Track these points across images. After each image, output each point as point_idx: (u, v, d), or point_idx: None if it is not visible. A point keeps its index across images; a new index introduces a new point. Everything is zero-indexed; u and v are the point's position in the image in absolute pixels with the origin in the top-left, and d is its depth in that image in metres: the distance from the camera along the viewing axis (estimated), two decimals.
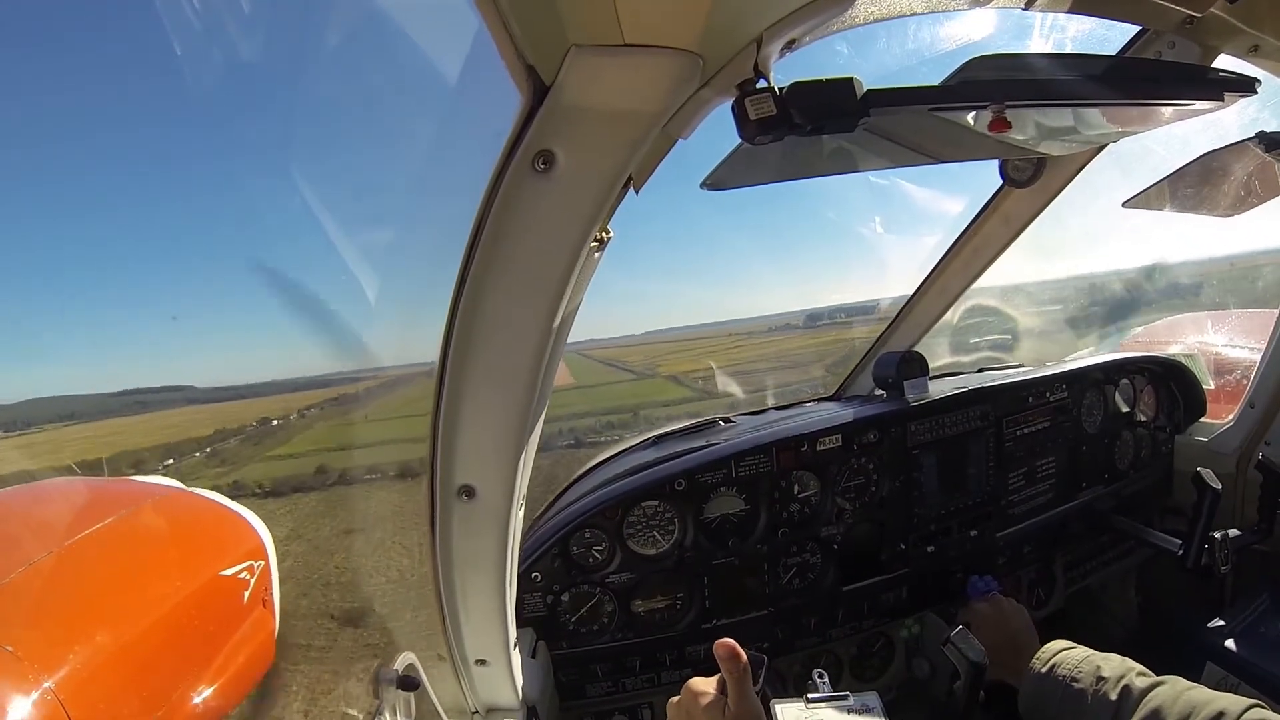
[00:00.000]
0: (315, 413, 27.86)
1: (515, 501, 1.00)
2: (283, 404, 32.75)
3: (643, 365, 42.88)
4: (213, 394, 27.45)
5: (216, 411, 22.58)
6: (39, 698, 0.54)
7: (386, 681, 1.15)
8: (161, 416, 16.76)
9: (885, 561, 1.79)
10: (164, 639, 0.68)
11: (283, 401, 44.21)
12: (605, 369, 42.71)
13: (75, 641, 0.60)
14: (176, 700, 0.68)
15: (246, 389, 42.07)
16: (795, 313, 29.40)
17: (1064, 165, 1.68)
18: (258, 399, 31.11)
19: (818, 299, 62.81)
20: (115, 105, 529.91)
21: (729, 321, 51.10)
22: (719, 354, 35.38)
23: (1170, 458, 2.26)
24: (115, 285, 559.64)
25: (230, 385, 44.38)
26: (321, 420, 21.59)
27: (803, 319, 25.07)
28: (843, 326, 11.99)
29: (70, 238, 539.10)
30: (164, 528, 0.82)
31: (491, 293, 0.79)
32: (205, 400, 27.33)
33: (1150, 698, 1.09)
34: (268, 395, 45.80)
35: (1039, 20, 1.22)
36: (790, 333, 26.59)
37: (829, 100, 0.73)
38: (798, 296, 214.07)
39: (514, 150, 0.70)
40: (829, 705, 1.09)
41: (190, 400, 23.27)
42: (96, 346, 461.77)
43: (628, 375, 40.36)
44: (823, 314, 19.69)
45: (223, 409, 23.15)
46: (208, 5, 17.52)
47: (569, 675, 1.60)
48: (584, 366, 40.51)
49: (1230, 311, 3.20)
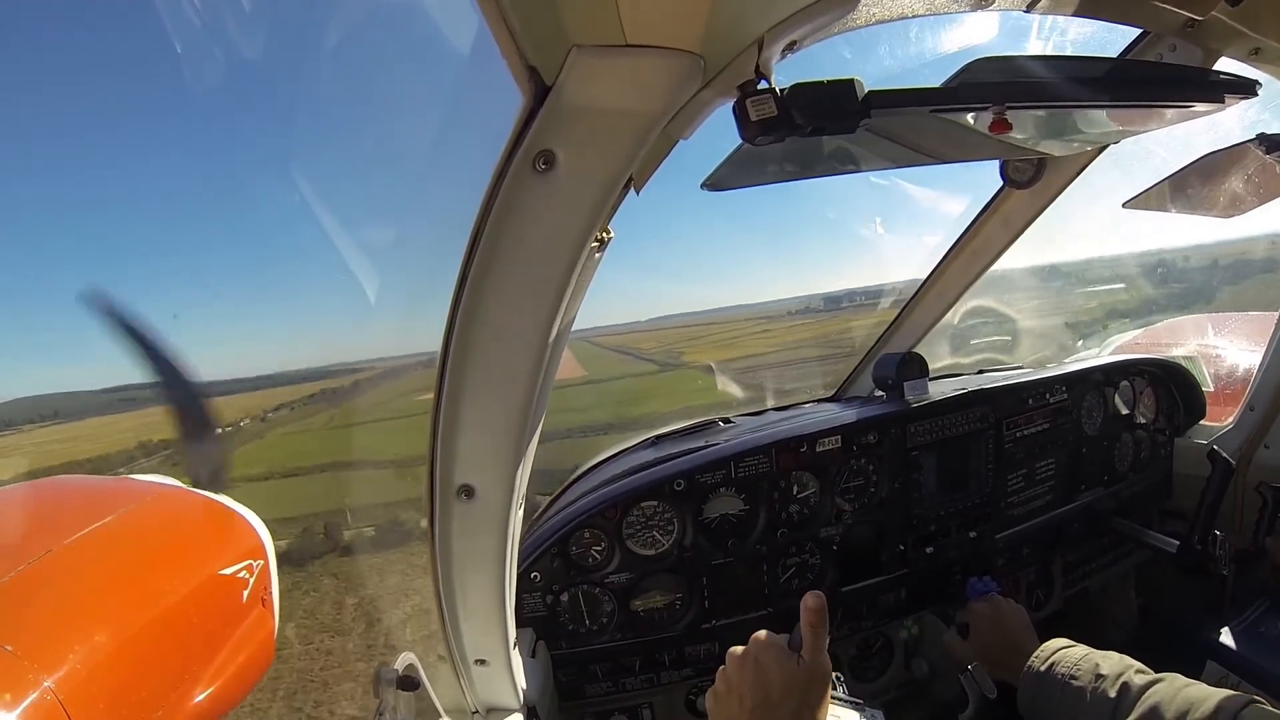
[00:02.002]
0: (318, 408, 26.77)
1: (515, 501, 1.00)
2: (284, 393, 30.85)
3: (662, 354, 35.34)
4: (211, 388, 26.44)
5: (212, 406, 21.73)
6: (38, 697, 0.54)
7: (386, 681, 1.15)
8: (150, 414, 15.93)
9: (884, 562, 1.80)
10: (163, 638, 0.68)
11: (287, 390, 42.11)
12: (619, 358, 35.26)
13: (74, 640, 0.60)
14: (176, 699, 0.68)
15: (235, 383, 40.12)
16: (812, 296, 27.19)
17: (1064, 166, 1.68)
18: (255, 392, 28.94)
19: (822, 285, 61.45)
20: (116, 106, 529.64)
21: (740, 307, 44.35)
22: (745, 340, 30.20)
23: (1170, 460, 2.26)
24: (116, 281, 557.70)
25: (229, 379, 42.32)
26: (322, 420, 21.03)
27: (822, 301, 23.01)
28: (867, 308, 10.72)
29: (70, 233, 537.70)
30: (163, 526, 0.81)
31: (492, 293, 0.79)
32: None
33: (1149, 694, 1.09)
34: (267, 388, 42.29)
35: (1040, 23, 1.22)
36: (814, 316, 23.75)
37: (830, 101, 0.73)
38: (800, 283, 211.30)
39: (515, 150, 0.70)
40: (847, 708, 1.09)
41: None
42: (86, 343, 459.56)
43: (648, 366, 33.25)
44: (842, 296, 18.11)
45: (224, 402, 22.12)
46: (209, 4, 17.54)
47: (568, 675, 1.61)
48: (593, 355, 33.43)
49: (1230, 314, 3.20)
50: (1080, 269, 7.69)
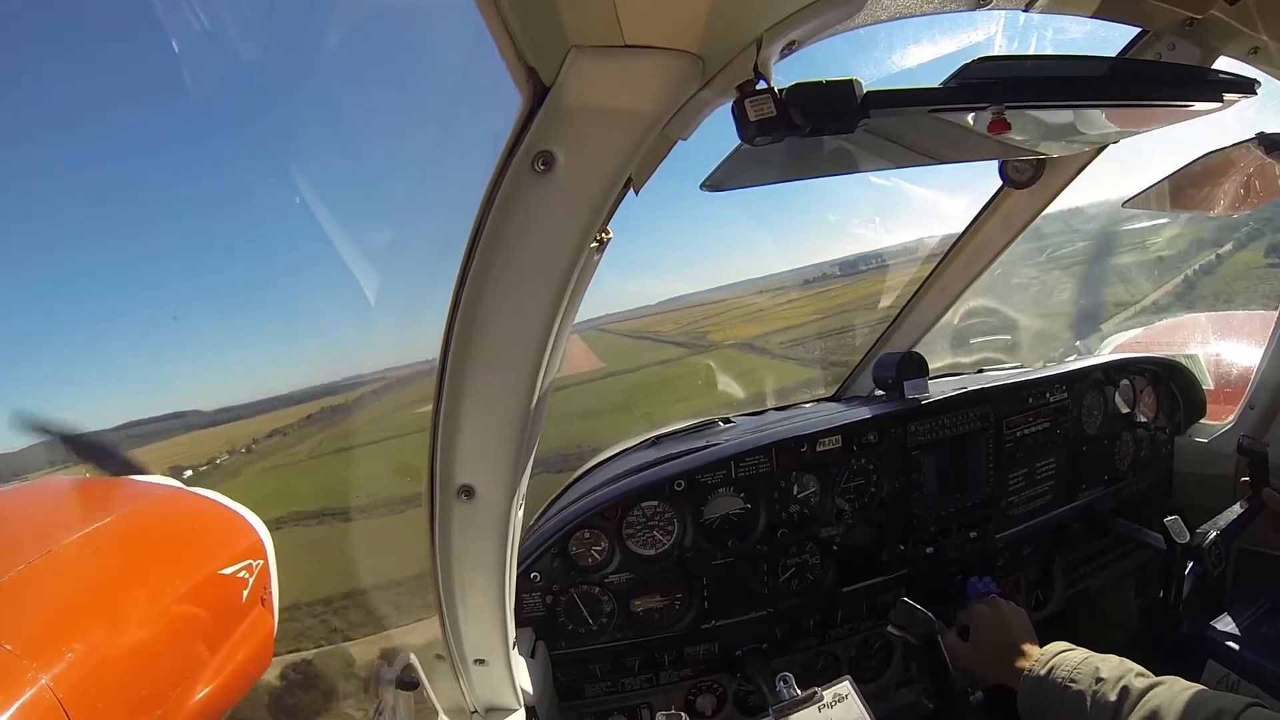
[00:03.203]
0: (316, 415, 25.95)
1: (515, 501, 1.00)
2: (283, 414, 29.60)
3: (685, 336, 30.87)
4: (216, 416, 25.08)
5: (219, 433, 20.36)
6: (37, 695, 0.54)
7: (386, 681, 1.15)
8: (164, 446, 15.12)
9: (884, 562, 1.79)
10: (163, 637, 0.68)
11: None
12: (635, 344, 30.66)
13: (74, 640, 0.60)
14: (175, 699, 0.68)
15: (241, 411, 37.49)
16: (820, 264, 25.29)
17: (1064, 166, 1.68)
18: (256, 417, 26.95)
19: (827, 254, 58.70)
20: (114, 104, 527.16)
21: (744, 282, 38.61)
22: (774, 313, 26.34)
23: (1170, 459, 2.26)
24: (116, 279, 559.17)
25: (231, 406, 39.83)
26: (322, 421, 20.60)
27: (838, 268, 20.74)
28: (893, 269, 8.91)
29: (67, 235, 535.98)
30: (163, 526, 0.82)
31: (492, 293, 0.79)
32: (207, 424, 24.25)
33: (1148, 698, 1.09)
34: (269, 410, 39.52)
35: (1039, 22, 1.22)
36: (835, 282, 20.61)
37: (829, 102, 0.73)
38: (797, 256, 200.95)
39: (514, 151, 0.70)
40: (799, 710, 1.07)
41: (190, 427, 21.16)
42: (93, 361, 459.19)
43: (673, 349, 28.50)
44: (857, 260, 16.51)
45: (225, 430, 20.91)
46: (208, 5, 17.31)
47: (568, 675, 1.61)
48: (606, 345, 28.74)
49: (1230, 313, 3.20)
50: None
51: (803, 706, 1.08)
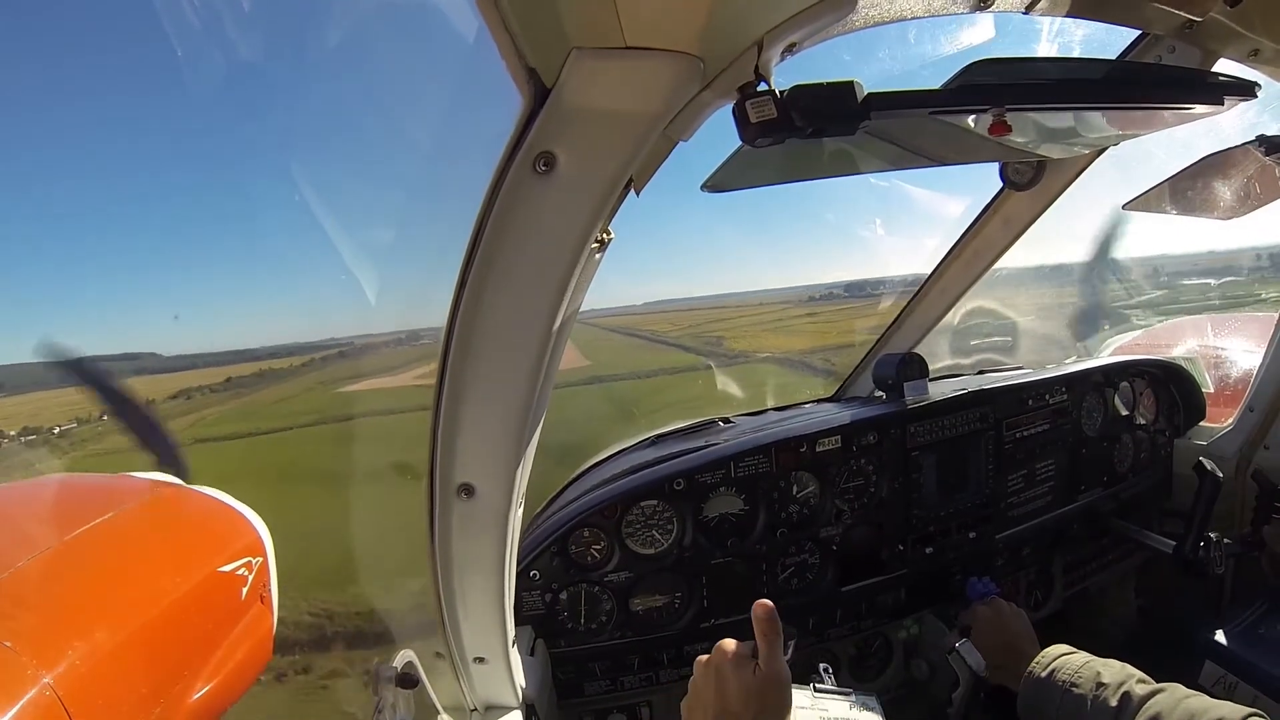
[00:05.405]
0: (315, 404, 24.87)
1: (514, 500, 1.01)
2: (282, 390, 27.80)
3: (692, 340, 26.39)
4: (173, 362, 23.73)
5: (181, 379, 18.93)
6: (37, 694, 0.54)
7: (385, 679, 1.15)
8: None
9: (884, 562, 1.80)
10: (162, 635, 0.68)
11: (285, 387, 39.11)
12: (625, 340, 26.58)
13: (74, 637, 0.60)
14: (175, 696, 0.68)
15: (212, 356, 35.84)
16: (832, 284, 23.60)
17: (1064, 168, 1.68)
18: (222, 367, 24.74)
19: (815, 277, 58.08)
20: (114, 105, 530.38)
21: (755, 293, 35.32)
22: (794, 324, 22.70)
23: (1170, 461, 2.26)
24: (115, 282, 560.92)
25: (193, 354, 38.23)
26: (316, 415, 20.05)
27: (843, 288, 19.27)
28: (902, 294, 8.15)
29: (64, 233, 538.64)
30: (162, 523, 0.82)
31: (492, 293, 0.80)
32: (164, 369, 22.56)
33: (1149, 705, 1.09)
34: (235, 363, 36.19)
35: (1039, 24, 1.22)
36: (838, 301, 18.85)
37: (830, 103, 0.73)
38: (791, 275, 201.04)
39: (515, 152, 0.70)
40: (834, 698, 1.09)
41: (142, 370, 19.59)
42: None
43: (682, 356, 23.52)
44: (865, 285, 15.40)
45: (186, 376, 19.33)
46: (208, 5, 17.39)
47: (567, 673, 1.61)
48: (592, 339, 24.42)
49: (1230, 316, 3.20)
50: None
51: (837, 695, 1.10)
